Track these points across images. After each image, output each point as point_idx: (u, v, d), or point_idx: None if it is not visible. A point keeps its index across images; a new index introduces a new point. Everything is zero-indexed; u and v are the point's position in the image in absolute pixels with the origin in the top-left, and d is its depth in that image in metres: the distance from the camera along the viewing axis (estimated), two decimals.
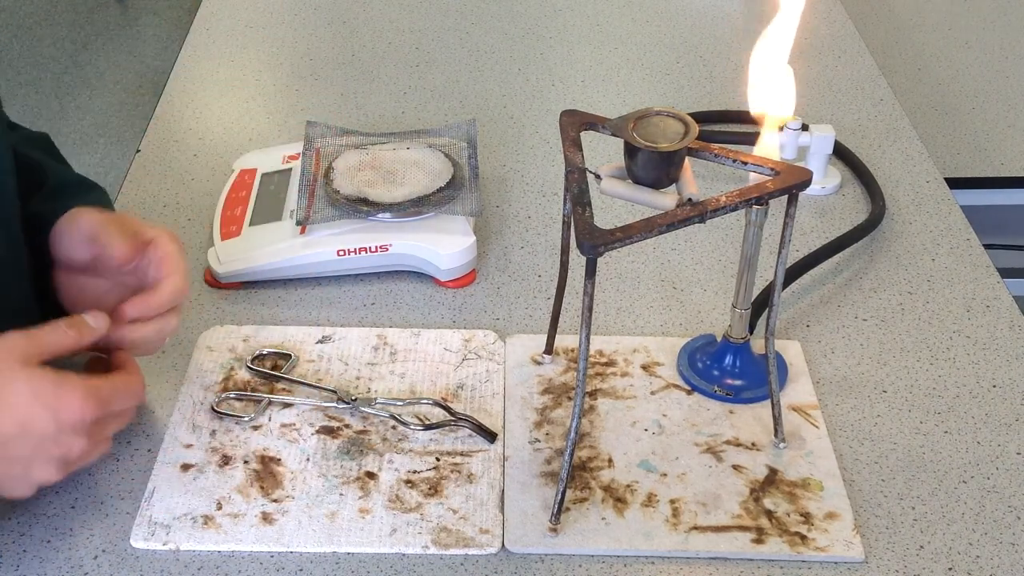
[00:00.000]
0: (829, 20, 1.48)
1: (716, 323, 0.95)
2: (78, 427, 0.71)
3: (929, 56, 1.54)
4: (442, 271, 0.98)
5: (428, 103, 1.27)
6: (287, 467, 0.81)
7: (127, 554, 0.75)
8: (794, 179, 0.76)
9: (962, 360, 0.92)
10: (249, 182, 1.06)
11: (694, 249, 1.04)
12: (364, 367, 0.89)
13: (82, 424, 0.71)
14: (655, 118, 0.76)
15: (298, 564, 0.75)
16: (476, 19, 1.46)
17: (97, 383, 0.73)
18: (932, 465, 0.83)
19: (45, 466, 0.72)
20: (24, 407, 0.69)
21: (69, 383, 0.71)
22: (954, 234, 1.07)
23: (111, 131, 3.00)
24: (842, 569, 0.75)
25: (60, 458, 0.72)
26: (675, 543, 0.76)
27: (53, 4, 3.66)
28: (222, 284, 0.98)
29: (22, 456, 0.71)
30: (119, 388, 0.75)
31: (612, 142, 0.83)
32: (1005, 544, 0.77)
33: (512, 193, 1.12)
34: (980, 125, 1.41)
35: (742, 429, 0.85)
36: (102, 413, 0.72)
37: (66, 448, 0.71)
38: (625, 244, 0.71)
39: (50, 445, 0.71)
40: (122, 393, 0.75)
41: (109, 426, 0.75)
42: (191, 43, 1.39)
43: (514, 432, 0.84)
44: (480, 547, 0.75)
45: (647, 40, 1.42)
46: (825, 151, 1.11)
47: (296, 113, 1.24)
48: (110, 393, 0.73)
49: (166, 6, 3.65)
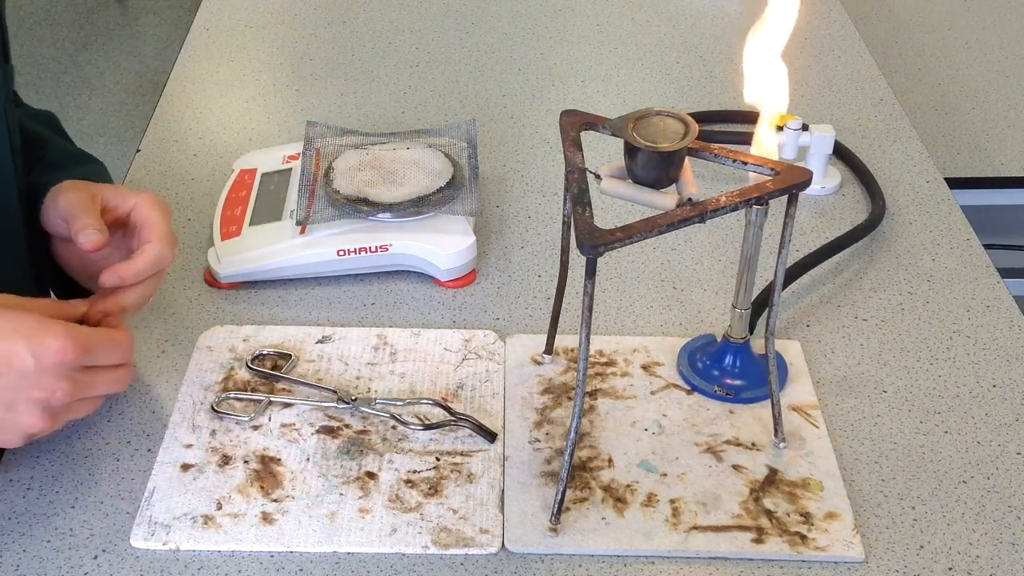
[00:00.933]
0: (829, 20, 1.48)
1: (716, 323, 0.95)
2: (60, 368, 0.71)
3: (929, 56, 1.54)
4: (442, 271, 0.98)
5: (428, 103, 1.27)
6: (287, 467, 0.81)
7: (127, 554, 0.75)
8: (794, 179, 0.76)
9: (962, 360, 0.92)
10: (249, 182, 1.06)
11: (694, 249, 1.04)
12: (364, 367, 0.89)
13: (63, 365, 0.71)
14: (655, 118, 0.76)
15: (298, 564, 0.75)
16: (476, 19, 1.46)
17: (80, 328, 0.74)
18: (932, 465, 0.83)
19: (30, 409, 0.72)
20: (4, 341, 0.70)
21: (51, 322, 0.72)
22: (954, 234, 1.07)
23: (111, 131, 3.00)
24: (842, 569, 0.75)
25: (43, 401, 0.72)
26: (675, 543, 0.76)
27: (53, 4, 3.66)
28: (222, 284, 0.98)
29: (3, 398, 0.71)
30: (103, 338, 0.75)
31: (612, 142, 0.83)
32: (1005, 544, 0.77)
33: (512, 193, 1.12)
34: (980, 125, 1.41)
35: (742, 429, 0.85)
36: (84, 358, 0.73)
37: (48, 391, 0.71)
38: (625, 244, 0.71)
39: (31, 387, 0.71)
40: (106, 343, 0.75)
41: (97, 381, 0.75)
42: (191, 43, 1.39)
43: (514, 432, 0.84)
44: (480, 547, 0.76)
45: (647, 40, 1.42)
46: (825, 151, 1.11)
47: (296, 113, 1.24)
48: (93, 341, 0.74)
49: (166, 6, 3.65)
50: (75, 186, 0.84)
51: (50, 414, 0.73)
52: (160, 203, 0.84)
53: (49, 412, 0.73)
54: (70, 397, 0.73)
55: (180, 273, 0.99)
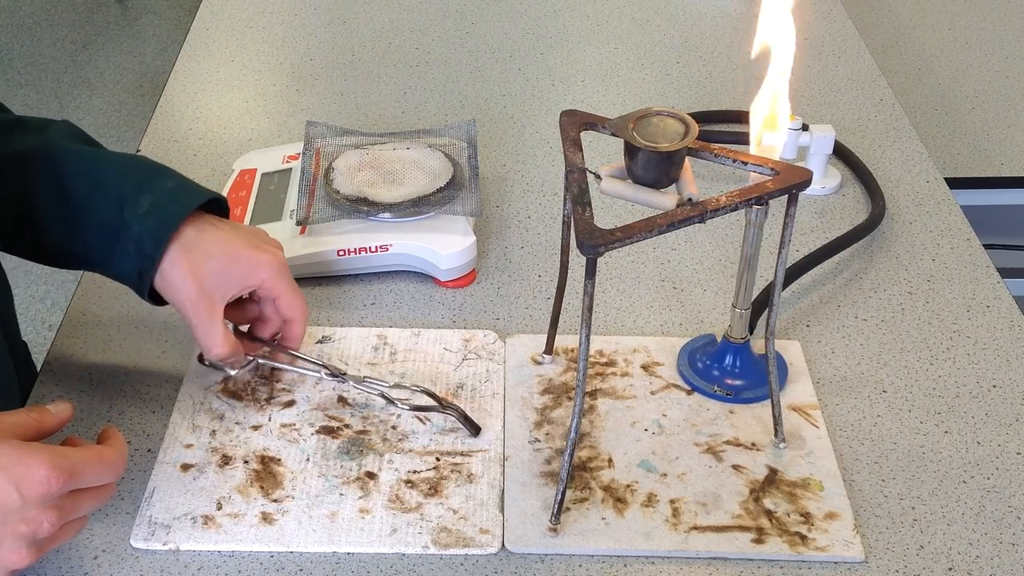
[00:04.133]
0: (829, 20, 1.48)
1: (716, 323, 0.95)
2: (45, 499, 0.65)
3: (929, 56, 1.54)
4: (442, 271, 0.98)
5: (428, 103, 1.27)
6: (287, 467, 0.81)
7: (127, 554, 0.75)
8: (794, 179, 0.76)
9: (962, 360, 0.92)
10: (249, 182, 1.06)
11: (694, 249, 1.04)
12: (364, 367, 0.89)
13: (49, 496, 0.65)
14: (655, 118, 0.76)
15: (298, 564, 0.75)
16: (476, 19, 1.46)
17: (65, 451, 0.67)
18: (932, 465, 0.83)
19: (14, 545, 0.66)
20: None
21: (32, 451, 0.66)
22: (954, 234, 1.07)
23: (111, 131, 3.00)
24: (842, 569, 0.75)
25: (29, 536, 0.66)
26: (675, 543, 0.76)
27: (53, 4, 3.66)
28: None
29: None
30: (90, 459, 0.68)
31: (612, 142, 0.83)
32: (1005, 544, 0.77)
33: (512, 193, 1.12)
34: (980, 125, 1.40)
35: (742, 429, 0.85)
36: (71, 484, 0.66)
37: (35, 524, 0.65)
38: (625, 244, 0.71)
39: (16, 521, 0.65)
40: (94, 464, 0.68)
41: (83, 502, 0.69)
42: (191, 43, 1.39)
43: (514, 432, 0.84)
44: (480, 547, 0.76)
45: (647, 40, 1.42)
46: (825, 151, 1.11)
47: (296, 113, 1.24)
48: (79, 463, 0.67)
49: (166, 6, 3.65)
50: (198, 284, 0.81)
51: (36, 547, 0.67)
52: (285, 266, 0.85)
53: (35, 544, 0.67)
54: (57, 527, 0.67)
55: None
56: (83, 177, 0.82)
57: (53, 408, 0.72)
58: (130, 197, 0.81)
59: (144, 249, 0.80)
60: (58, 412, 0.72)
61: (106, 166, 0.84)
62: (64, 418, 0.72)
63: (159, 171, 0.84)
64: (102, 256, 0.83)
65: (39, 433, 0.70)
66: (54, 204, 0.82)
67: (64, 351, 0.92)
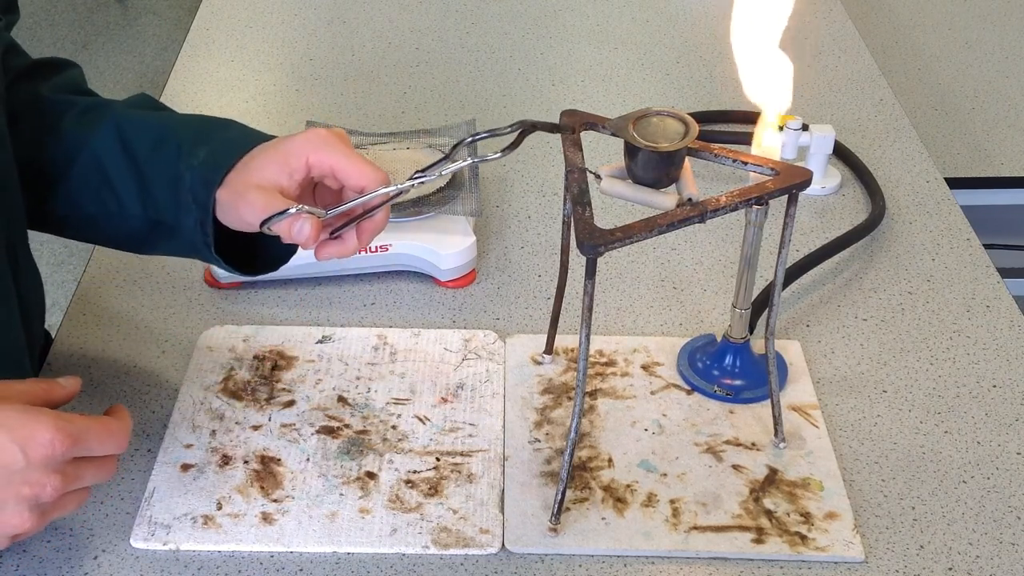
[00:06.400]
0: (829, 20, 1.48)
1: (716, 323, 0.95)
2: (49, 462, 0.66)
3: (929, 56, 1.54)
4: (442, 271, 0.98)
5: (428, 103, 1.27)
6: (287, 467, 0.81)
7: (127, 554, 0.75)
8: (794, 179, 0.76)
9: (962, 360, 0.92)
10: None
11: (694, 249, 1.04)
12: (364, 367, 0.89)
13: (52, 459, 0.66)
14: (655, 118, 0.76)
15: (298, 564, 0.75)
16: (476, 19, 1.46)
17: (70, 417, 0.68)
18: (932, 465, 0.83)
19: (16, 508, 0.66)
20: None
21: (38, 414, 0.66)
22: (954, 234, 1.07)
23: None
24: (842, 569, 0.75)
25: (32, 499, 0.66)
26: (675, 543, 0.76)
27: (53, 4, 3.66)
28: (222, 284, 0.98)
29: None
30: (95, 427, 0.69)
31: (612, 142, 0.83)
32: (1005, 544, 0.77)
33: (512, 193, 1.12)
34: (980, 125, 1.40)
35: (742, 429, 0.85)
36: (75, 449, 0.67)
37: (38, 487, 0.66)
38: (625, 244, 0.71)
39: (19, 483, 0.65)
40: (98, 432, 0.69)
41: (86, 472, 0.69)
42: (191, 43, 1.39)
43: (514, 432, 0.84)
44: (480, 547, 0.76)
45: (647, 40, 1.42)
46: (825, 151, 1.11)
47: (296, 113, 1.24)
48: (84, 430, 0.68)
49: (166, 6, 3.65)
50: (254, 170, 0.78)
51: (39, 512, 0.67)
52: (329, 138, 0.79)
53: (38, 510, 0.67)
54: (60, 492, 0.67)
55: (180, 273, 0.99)
56: (145, 137, 0.82)
57: (63, 380, 0.72)
58: (187, 149, 0.81)
59: (198, 196, 0.79)
60: (67, 385, 0.73)
61: (167, 123, 0.84)
62: (72, 391, 0.73)
63: (223, 124, 0.84)
64: (174, 217, 0.81)
65: (47, 403, 0.70)
66: (125, 172, 0.82)
67: (64, 351, 0.92)
